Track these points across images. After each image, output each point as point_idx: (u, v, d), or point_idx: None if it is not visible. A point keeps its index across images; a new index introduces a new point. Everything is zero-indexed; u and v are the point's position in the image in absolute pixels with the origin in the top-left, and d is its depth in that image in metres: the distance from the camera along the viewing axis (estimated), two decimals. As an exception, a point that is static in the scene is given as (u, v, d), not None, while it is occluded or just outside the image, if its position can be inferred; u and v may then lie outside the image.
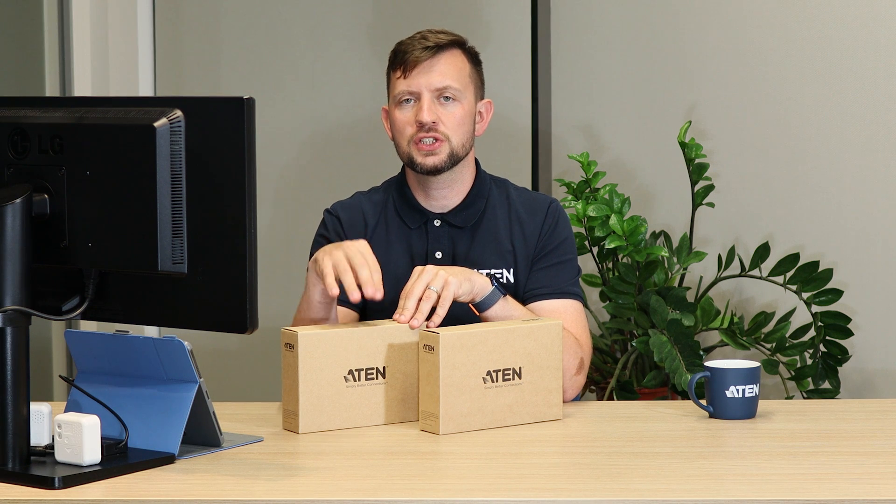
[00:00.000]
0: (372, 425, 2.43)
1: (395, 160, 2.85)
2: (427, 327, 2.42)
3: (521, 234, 2.77)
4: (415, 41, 2.72)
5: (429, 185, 2.76)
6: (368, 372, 2.43)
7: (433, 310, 2.45)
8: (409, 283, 2.47)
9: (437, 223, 2.77)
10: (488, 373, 2.41)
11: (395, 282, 2.68)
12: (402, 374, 2.46)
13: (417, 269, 2.50)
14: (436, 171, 2.72)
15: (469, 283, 2.52)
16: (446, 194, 2.77)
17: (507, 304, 2.58)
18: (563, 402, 2.54)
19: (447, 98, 2.71)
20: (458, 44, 2.75)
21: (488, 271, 2.72)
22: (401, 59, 2.72)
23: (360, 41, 4.09)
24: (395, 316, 2.44)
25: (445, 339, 2.37)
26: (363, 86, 4.08)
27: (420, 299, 2.45)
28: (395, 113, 2.73)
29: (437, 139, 2.70)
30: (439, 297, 2.46)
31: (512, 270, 2.75)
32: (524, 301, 2.72)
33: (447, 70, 2.71)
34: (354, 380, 2.42)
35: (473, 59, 2.78)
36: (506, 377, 2.42)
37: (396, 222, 2.79)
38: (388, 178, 2.87)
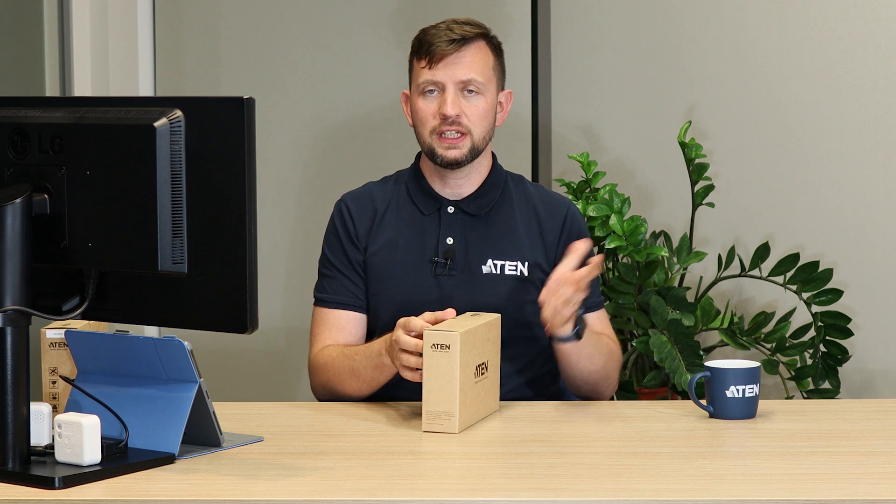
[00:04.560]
0: (491, 413, 2.51)
1: (400, 159, 2.85)
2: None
3: (538, 230, 2.79)
4: (440, 32, 2.72)
5: (446, 174, 2.77)
6: (481, 368, 2.47)
7: None
8: (567, 286, 2.51)
9: (450, 210, 2.78)
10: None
11: (406, 269, 2.73)
12: (493, 366, 2.52)
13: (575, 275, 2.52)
14: (456, 164, 2.73)
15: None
16: (462, 183, 2.78)
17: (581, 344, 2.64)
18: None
19: (471, 91, 2.71)
20: (484, 35, 2.75)
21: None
22: (426, 50, 2.72)
23: (358, 42, 4.09)
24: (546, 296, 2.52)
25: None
26: (363, 85, 4.08)
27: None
28: (418, 102, 2.73)
29: (460, 133, 2.71)
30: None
31: (527, 264, 2.76)
32: None
33: (472, 63, 2.71)
34: (476, 375, 2.46)
35: (497, 50, 2.79)
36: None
37: (409, 208, 2.79)
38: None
